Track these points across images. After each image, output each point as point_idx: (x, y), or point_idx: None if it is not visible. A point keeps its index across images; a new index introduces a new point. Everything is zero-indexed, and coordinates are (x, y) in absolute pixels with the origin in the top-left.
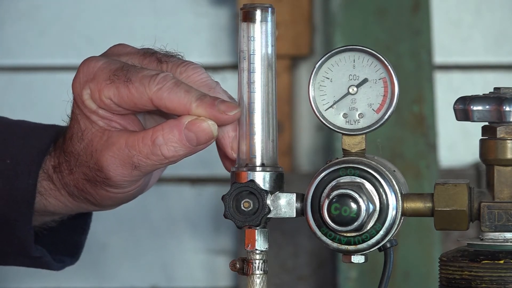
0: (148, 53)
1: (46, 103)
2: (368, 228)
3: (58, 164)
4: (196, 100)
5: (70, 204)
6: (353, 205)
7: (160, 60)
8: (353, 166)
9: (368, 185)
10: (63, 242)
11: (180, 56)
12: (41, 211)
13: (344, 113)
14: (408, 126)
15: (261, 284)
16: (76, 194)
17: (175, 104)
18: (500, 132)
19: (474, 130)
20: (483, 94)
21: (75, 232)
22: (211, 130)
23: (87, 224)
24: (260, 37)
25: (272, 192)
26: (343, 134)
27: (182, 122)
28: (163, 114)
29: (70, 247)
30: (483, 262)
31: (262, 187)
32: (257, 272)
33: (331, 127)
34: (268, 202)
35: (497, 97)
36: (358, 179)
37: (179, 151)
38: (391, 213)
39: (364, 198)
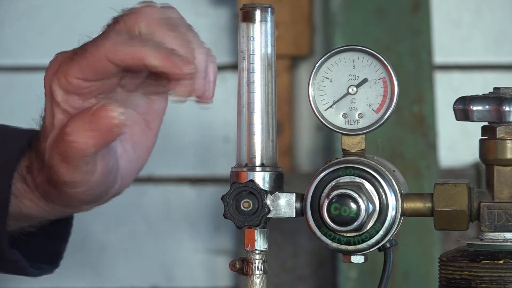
0: (110, 26)
1: None
2: (367, 228)
3: (31, 164)
4: (151, 50)
5: (44, 206)
6: (353, 205)
7: (116, 20)
8: (353, 166)
9: (367, 185)
10: (41, 249)
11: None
12: (16, 215)
13: (343, 113)
14: (408, 126)
15: (261, 284)
16: (46, 195)
17: (130, 56)
18: (500, 132)
19: (474, 130)
20: (483, 94)
21: (54, 240)
22: (118, 116)
23: (67, 232)
24: (260, 37)
25: (271, 192)
26: (342, 134)
27: (90, 108)
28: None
29: (48, 254)
30: (483, 262)
31: (262, 187)
32: (257, 272)
33: (330, 127)
34: (268, 202)
35: (497, 97)
36: (358, 179)
37: (87, 139)
38: (391, 213)
39: (364, 198)
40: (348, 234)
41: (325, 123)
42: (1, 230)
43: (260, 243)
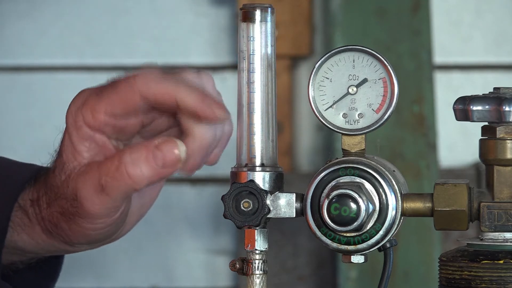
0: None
1: (46, 103)
2: (367, 228)
3: (37, 197)
4: (186, 89)
5: (41, 241)
6: (353, 205)
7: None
8: (352, 166)
9: (367, 185)
10: (29, 286)
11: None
12: (10, 247)
13: (343, 113)
14: (408, 126)
15: (261, 284)
16: (50, 229)
17: (163, 92)
18: (500, 132)
19: (474, 130)
20: (483, 94)
21: (42, 278)
22: (179, 152)
23: (56, 272)
24: (260, 37)
25: (271, 192)
26: (342, 134)
27: (153, 141)
28: None
29: None
30: (483, 262)
31: (262, 187)
32: (257, 272)
33: (330, 127)
34: (268, 202)
35: (496, 97)
36: (358, 179)
37: (144, 171)
38: (391, 213)
39: (364, 198)
40: (348, 234)
41: (325, 123)
42: None
43: (260, 243)
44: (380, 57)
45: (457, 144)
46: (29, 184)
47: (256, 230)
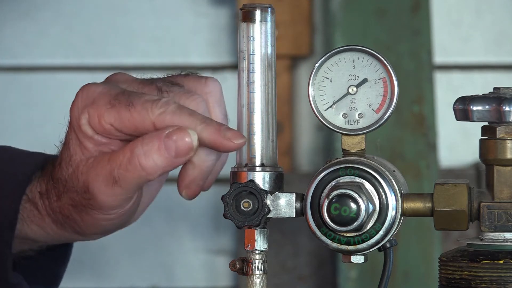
0: (147, 81)
1: (46, 103)
2: (367, 228)
3: (46, 190)
4: (201, 123)
5: (52, 232)
6: (353, 205)
7: (160, 89)
8: (352, 166)
9: (367, 185)
10: (41, 272)
11: (196, 73)
12: (21, 238)
13: (343, 113)
14: (408, 126)
15: (261, 284)
16: (61, 221)
17: (177, 126)
18: (500, 132)
19: (474, 130)
20: (483, 94)
21: (54, 263)
22: (191, 140)
23: (66, 256)
24: (260, 37)
25: (271, 192)
26: (342, 134)
27: (163, 131)
28: None
29: (48, 277)
30: (483, 262)
31: (262, 187)
32: (257, 272)
33: (330, 127)
34: (268, 202)
35: (496, 97)
36: (358, 179)
37: (157, 161)
38: (391, 213)
39: (364, 198)
40: (348, 234)
41: (325, 123)
42: (6, 253)
43: (260, 243)
44: (380, 57)
45: (457, 144)
46: (36, 176)
47: (256, 230)
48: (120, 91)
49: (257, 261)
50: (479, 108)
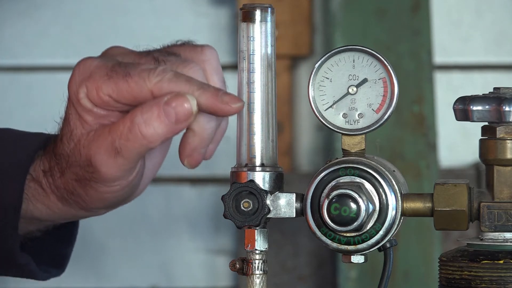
0: (143, 53)
1: (46, 103)
2: (367, 228)
3: (49, 168)
4: (198, 89)
5: (57, 210)
6: (353, 205)
7: (157, 59)
8: (352, 166)
9: (367, 185)
10: (48, 252)
11: (192, 42)
12: (27, 218)
13: (343, 113)
14: (408, 126)
15: (261, 284)
16: (66, 197)
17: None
18: (500, 132)
19: (474, 130)
20: (483, 94)
21: (60, 243)
22: (190, 105)
23: (73, 235)
24: (260, 37)
25: (271, 192)
26: (342, 134)
27: (162, 98)
28: None
29: (55, 258)
30: (483, 262)
31: (262, 187)
32: (257, 272)
33: (330, 127)
34: (268, 202)
35: (496, 97)
36: (358, 179)
37: (158, 129)
38: (391, 213)
39: (364, 198)
40: (348, 234)
41: (325, 123)
42: (12, 234)
43: (260, 243)
44: (380, 57)
45: (457, 144)
46: (38, 155)
47: (256, 230)
48: (116, 63)
49: (257, 261)
50: (479, 108)
